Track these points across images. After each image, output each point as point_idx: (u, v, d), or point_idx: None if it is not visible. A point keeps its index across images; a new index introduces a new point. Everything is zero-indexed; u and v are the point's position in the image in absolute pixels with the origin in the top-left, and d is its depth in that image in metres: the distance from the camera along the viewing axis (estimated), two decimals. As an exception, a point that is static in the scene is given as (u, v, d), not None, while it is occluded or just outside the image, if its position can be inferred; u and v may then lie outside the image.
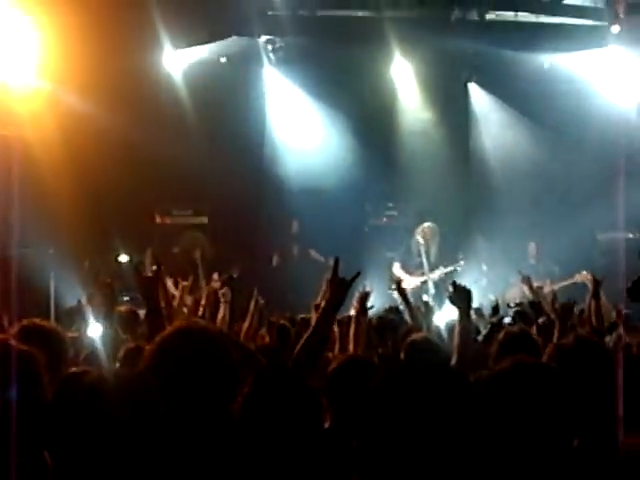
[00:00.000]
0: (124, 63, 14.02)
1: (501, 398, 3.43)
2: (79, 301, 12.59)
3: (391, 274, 14.48)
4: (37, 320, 5.29)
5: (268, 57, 14.92)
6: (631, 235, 15.64)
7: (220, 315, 9.69)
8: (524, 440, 3.37)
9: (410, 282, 14.16)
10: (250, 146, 15.39)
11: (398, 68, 15.50)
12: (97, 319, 6.31)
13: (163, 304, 8.80)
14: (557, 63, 15.39)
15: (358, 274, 5.21)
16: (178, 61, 14.72)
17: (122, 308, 8.57)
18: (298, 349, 5.06)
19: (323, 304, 5.20)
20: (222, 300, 10.16)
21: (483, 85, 16.05)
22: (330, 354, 6.38)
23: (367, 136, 15.75)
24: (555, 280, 14.38)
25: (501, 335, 6.05)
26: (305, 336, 5.22)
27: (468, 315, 6.18)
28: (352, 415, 4.48)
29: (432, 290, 13.67)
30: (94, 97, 14.43)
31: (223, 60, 14.90)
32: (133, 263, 13.99)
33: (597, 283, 8.35)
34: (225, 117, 14.92)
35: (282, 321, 8.21)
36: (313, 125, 15.77)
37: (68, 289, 12.57)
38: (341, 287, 5.00)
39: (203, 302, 11.77)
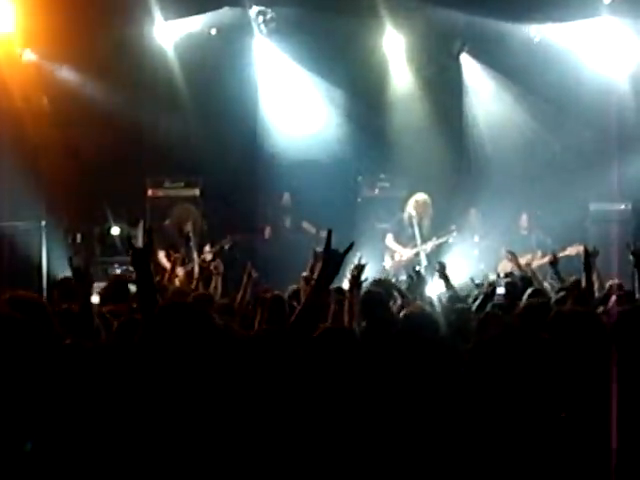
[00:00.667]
0: (114, 34, 13.96)
1: (488, 364, 3.44)
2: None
3: (384, 246, 14.48)
4: (22, 292, 5.25)
5: (259, 28, 14.82)
6: (623, 206, 15.62)
7: (212, 286, 9.70)
8: (511, 405, 3.38)
9: (403, 254, 14.18)
10: (242, 118, 15.32)
11: (390, 40, 15.42)
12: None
13: (156, 277, 8.88)
14: (549, 33, 15.31)
15: (351, 246, 5.17)
16: (169, 32, 14.63)
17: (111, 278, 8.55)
18: (292, 320, 5.06)
19: (315, 276, 5.19)
20: (214, 272, 10.18)
21: (475, 56, 15.97)
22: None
23: (359, 108, 15.70)
24: (547, 252, 14.37)
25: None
26: (298, 308, 5.22)
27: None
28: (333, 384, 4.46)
29: (425, 262, 13.65)
30: (84, 69, 14.40)
31: (214, 31, 14.82)
32: (125, 235, 14.00)
33: (589, 255, 8.24)
34: (216, 89, 14.87)
35: (276, 292, 8.17)
36: (305, 97, 15.71)
37: (60, 261, 12.53)
38: (334, 259, 4.98)
39: (196, 274, 11.86)
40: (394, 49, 15.60)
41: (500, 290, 10.05)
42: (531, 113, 15.88)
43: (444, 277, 9.45)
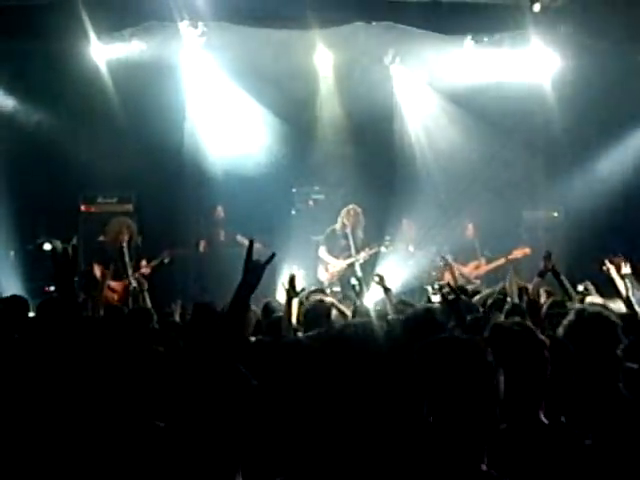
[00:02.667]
0: (45, 52, 13.88)
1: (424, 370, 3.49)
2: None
3: (317, 258, 14.52)
4: None
5: (190, 42, 14.80)
6: (555, 213, 15.86)
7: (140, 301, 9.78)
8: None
9: (336, 265, 14.21)
10: (173, 133, 15.29)
11: (320, 53, 15.51)
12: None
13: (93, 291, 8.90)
14: (479, 44, 15.47)
15: (272, 256, 5.16)
16: (102, 50, 14.53)
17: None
18: (214, 329, 5.08)
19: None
20: (139, 288, 10.24)
21: (407, 68, 16.10)
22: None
23: (291, 121, 15.75)
24: (491, 258, 14.52)
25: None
26: (220, 317, 5.23)
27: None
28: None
29: (359, 272, 13.72)
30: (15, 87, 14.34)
31: (144, 46, 14.74)
32: (58, 252, 13.87)
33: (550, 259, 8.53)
34: (147, 104, 14.78)
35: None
36: (236, 110, 15.72)
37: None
38: (254, 269, 4.98)
39: (132, 287, 11.89)
40: (325, 62, 15.68)
41: (435, 299, 10.15)
42: (463, 125, 16.04)
43: (384, 287, 9.53)
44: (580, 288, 9.24)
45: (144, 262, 13.18)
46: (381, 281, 9.60)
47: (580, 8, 13.94)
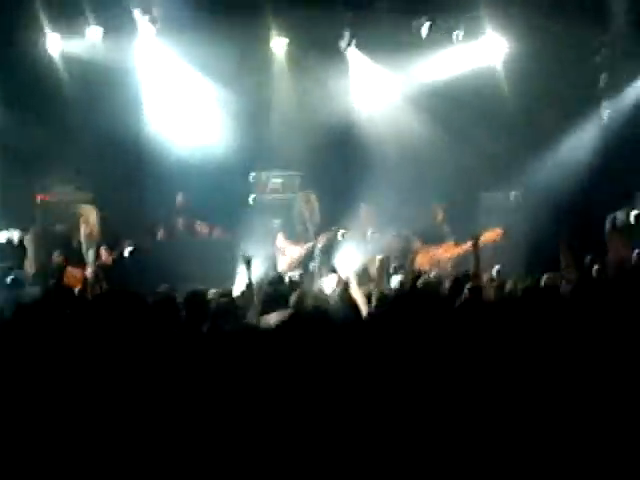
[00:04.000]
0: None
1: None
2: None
3: (274, 245, 14.52)
4: None
5: (144, 30, 14.73)
6: (512, 195, 15.93)
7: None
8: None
9: (294, 251, 14.21)
10: (130, 119, 15.20)
11: (276, 38, 15.52)
12: None
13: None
14: (436, 26, 15.52)
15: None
16: (56, 42, 14.44)
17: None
18: None
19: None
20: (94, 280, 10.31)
21: (363, 51, 16.10)
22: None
23: (248, 107, 15.72)
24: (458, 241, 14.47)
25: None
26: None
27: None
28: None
29: (317, 257, 13.75)
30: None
31: (99, 35, 14.65)
32: (15, 242, 13.82)
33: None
34: (104, 93, 14.70)
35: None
36: (193, 97, 15.67)
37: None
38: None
39: (90, 277, 11.89)
40: (280, 47, 15.67)
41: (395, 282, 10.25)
42: (418, 107, 16.10)
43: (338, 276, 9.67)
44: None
45: (103, 251, 13.11)
46: (334, 271, 9.77)
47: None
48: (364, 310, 7.42)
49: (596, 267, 10.44)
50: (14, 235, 13.83)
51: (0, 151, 14.37)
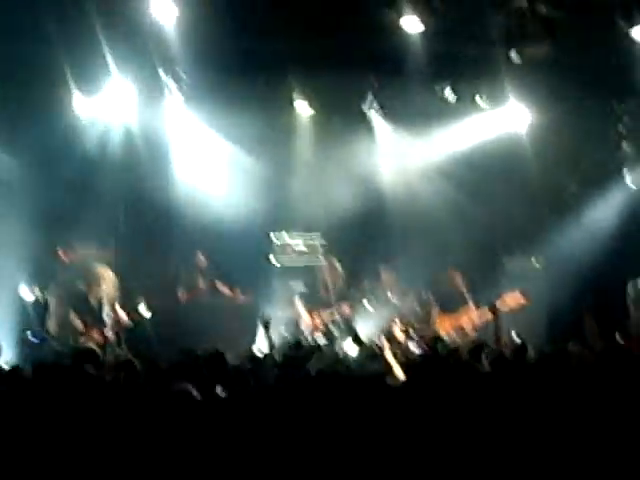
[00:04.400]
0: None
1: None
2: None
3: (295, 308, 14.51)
4: None
5: (172, 92, 14.85)
6: (535, 258, 15.85)
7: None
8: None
9: (315, 316, 14.18)
10: (155, 181, 15.30)
11: (300, 101, 15.63)
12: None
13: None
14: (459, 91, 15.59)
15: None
16: (86, 103, 14.57)
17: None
18: None
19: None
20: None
21: (386, 115, 16.17)
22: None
23: (270, 170, 15.81)
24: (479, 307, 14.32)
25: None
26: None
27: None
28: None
29: (340, 323, 13.80)
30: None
31: (128, 96, 14.77)
32: (39, 300, 13.89)
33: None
34: (131, 151, 14.81)
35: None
36: (217, 159, 15.75)
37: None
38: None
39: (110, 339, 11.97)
40: (304, 110, 15.79)
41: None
42: (441, 172, 16.14)
43: (357, 341, 9.68)
44: None
45: (119, 309, 13.10)
46: (355, 336, 9.80)
47: (553, 58, 14.07)
48: (400, 375, 7.37)
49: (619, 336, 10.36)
50: (36, 292, 13.89)
51: (26, 208, 14.44)
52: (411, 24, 13.34)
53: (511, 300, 13.96)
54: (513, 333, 11.97)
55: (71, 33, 12.59)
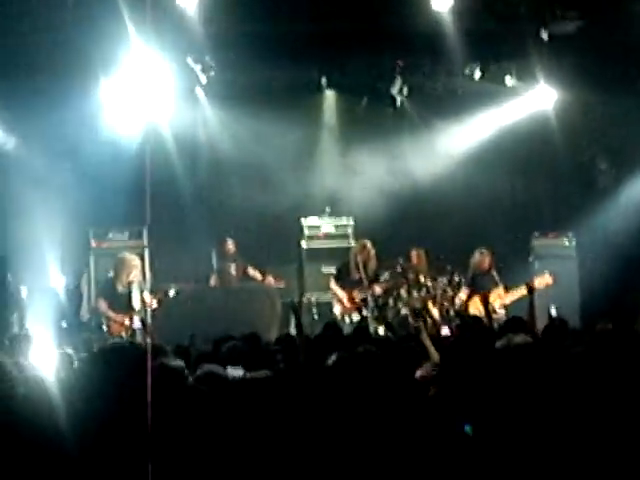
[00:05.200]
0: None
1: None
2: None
3: (330, 290, 14.51)
4: None
5: (199, 80, 14.89)
6: (566, 238, 15.75)
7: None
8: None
9: (351, 297, 14.17)
10: (183, 167, 15.38)
11: (327, 84, 15.69)
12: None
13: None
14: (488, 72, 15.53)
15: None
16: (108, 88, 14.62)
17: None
18: None
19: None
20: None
21: (413, 97, 16.14)
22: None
23: (299, 156, 15.85)
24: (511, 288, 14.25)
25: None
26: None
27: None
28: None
29: (371, 305, 13.79)
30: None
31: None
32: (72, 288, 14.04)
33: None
34: (161, 142, 14.88)
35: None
36: (247, 147, 15.78)
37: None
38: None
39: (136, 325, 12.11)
40: (330, 93, 15.86)
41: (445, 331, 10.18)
42: (470, 154, 16.13)
43: (387, 325, 9.71)
44: None
45: (146, 295, 13.15)
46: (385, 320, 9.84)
47: (586, 36, 13.97)
48: (435, 356, 7.36)
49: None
50: (69, 280, 14.03)
51: (58, 200, 14.54)
52: (440, 3, 13.29)
53: (540, 282, 13.92)
54: (552, 308, 11.98)
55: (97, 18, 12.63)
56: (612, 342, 5.54)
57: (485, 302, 10.24)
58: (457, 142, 16.23)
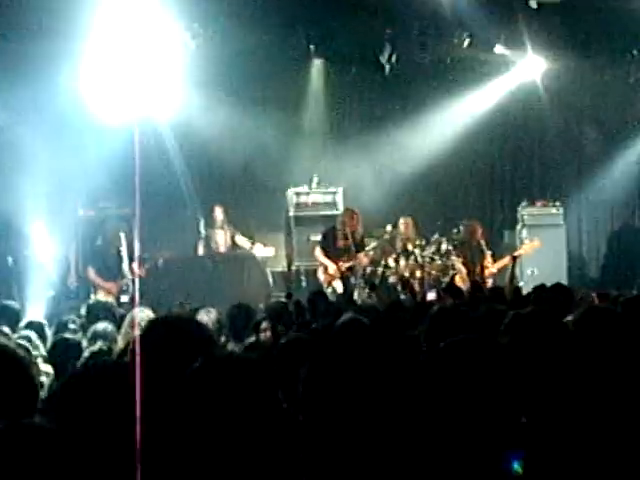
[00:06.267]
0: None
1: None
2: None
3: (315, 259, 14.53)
4: None
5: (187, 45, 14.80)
6: (554, 210, 15.81)
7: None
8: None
9: (337, 266, 14.17)
10: (176, 137, 15.33)
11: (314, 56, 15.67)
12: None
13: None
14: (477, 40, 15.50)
15: None
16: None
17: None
18: None
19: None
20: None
21: (400, 66, 16.11)
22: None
23: (286, 121, 15.82)
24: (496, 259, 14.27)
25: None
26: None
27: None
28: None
29: (360, 273, 13.83)
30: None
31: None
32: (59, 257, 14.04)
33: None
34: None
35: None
36: (232, 111, 15.71)
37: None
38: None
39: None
40: (318, 62, 15.81)
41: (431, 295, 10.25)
42: (458, 124, 16.13)
43: (375, 291, 9.75)
44: None
45: (135, 265, 13.14)
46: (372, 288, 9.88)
47: (574, 5, 13.97)
48: None
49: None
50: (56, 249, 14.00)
51: (48, 171, 14.44)
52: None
53: (529, 247, 14.07)
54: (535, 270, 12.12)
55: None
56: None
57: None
58: (445, 111, 16.20)
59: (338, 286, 13.84)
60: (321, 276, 14.24)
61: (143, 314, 6.98)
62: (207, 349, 3.87)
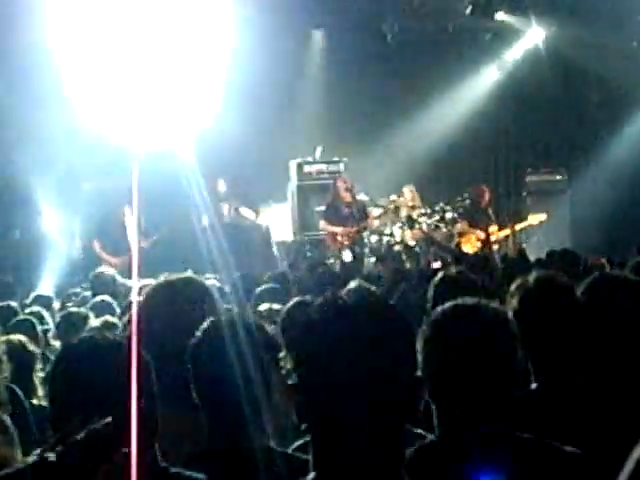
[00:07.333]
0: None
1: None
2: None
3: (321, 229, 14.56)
4: None
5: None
6: (559, 177, 15.82)
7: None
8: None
9: (343, 233, 14.17)
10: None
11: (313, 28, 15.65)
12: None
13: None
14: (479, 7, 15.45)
15: None
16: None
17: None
18: None
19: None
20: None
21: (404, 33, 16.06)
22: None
23: (284, 94, 15.78)
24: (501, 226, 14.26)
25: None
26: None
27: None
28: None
29: (366, 239, 13.86)
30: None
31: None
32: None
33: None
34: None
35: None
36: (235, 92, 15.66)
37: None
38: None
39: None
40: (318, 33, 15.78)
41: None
42: (461, 95, 16.11)
43: (381, 259, 9.73)
44: None
45: (141, 237, 13.17)
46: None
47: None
48: None
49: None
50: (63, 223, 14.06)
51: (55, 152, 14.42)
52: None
53: (534, 219, 14.08)
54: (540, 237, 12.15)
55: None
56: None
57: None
58: (449, 81, 16.15)
59: (346, 255, 13.81)
60: (330, 245, 14.21)
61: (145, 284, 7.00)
62: (209, 309, 3.87)
